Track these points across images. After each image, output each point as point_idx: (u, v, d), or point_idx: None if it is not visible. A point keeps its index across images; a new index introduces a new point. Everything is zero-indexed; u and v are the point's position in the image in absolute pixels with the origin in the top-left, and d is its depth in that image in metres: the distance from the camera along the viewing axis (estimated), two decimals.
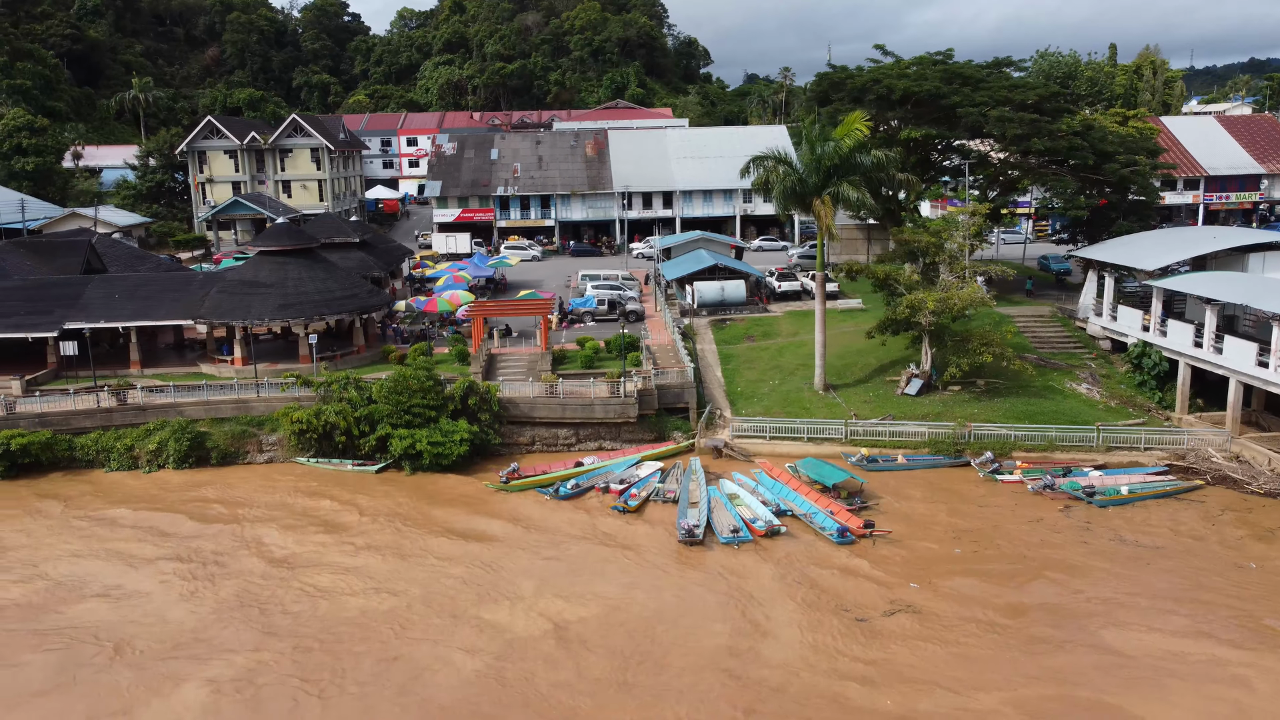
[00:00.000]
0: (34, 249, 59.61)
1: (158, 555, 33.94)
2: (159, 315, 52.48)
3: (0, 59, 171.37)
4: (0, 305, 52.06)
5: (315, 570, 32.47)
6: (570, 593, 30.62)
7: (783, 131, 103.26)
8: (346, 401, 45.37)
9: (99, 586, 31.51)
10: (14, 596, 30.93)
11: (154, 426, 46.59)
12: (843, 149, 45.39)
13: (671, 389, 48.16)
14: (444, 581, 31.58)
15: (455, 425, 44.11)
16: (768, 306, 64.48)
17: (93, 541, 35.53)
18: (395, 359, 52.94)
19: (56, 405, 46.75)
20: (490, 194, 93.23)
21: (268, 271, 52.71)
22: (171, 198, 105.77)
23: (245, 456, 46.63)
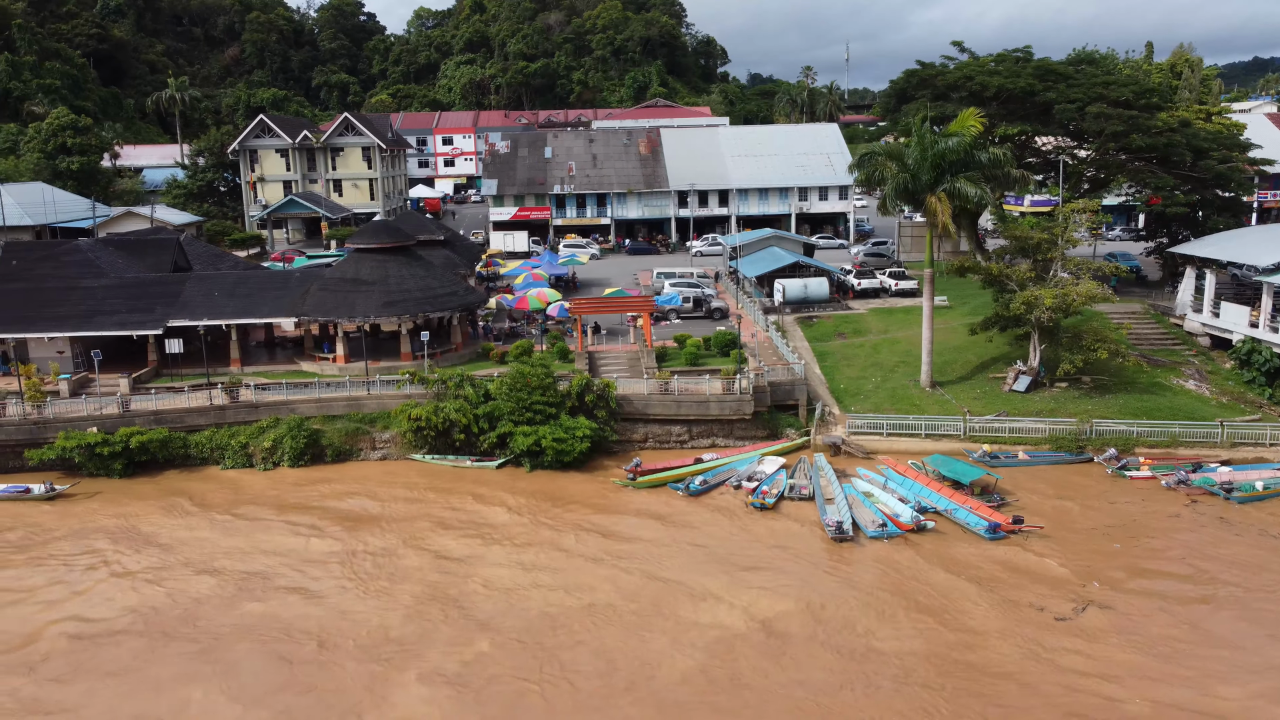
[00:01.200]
0: (123, 247, 59.44)
1: (323, 553, 33.88)
2: (262, 313, 52.38)
3: (29, 58, 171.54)
4: (103, 303, 51.96)
5: (485, 567, 32.40)
6: (757, 588, 30.57)
7: (835, 130, 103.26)
8: (463, 399, 45.31)
9: (281, 583, 31.47)
10: (204, 591, 30.91)
11: (267, 424, 46.53)
12: (964, 145, 45.27)
13: (782, 386, 48.14)
14: (626, 578, 31.49)
15: (576, 422, 44.04)
16: (849, 304, 64.46)
17: (252, 539, 35.47)
18: (496, 357, 52.87)
19: (171, 403, 46.68)
20: (546, 192, 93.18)
21: (369, 269, 52.61)
22: (221, 197, 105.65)
23: (359, 454, 46.59)
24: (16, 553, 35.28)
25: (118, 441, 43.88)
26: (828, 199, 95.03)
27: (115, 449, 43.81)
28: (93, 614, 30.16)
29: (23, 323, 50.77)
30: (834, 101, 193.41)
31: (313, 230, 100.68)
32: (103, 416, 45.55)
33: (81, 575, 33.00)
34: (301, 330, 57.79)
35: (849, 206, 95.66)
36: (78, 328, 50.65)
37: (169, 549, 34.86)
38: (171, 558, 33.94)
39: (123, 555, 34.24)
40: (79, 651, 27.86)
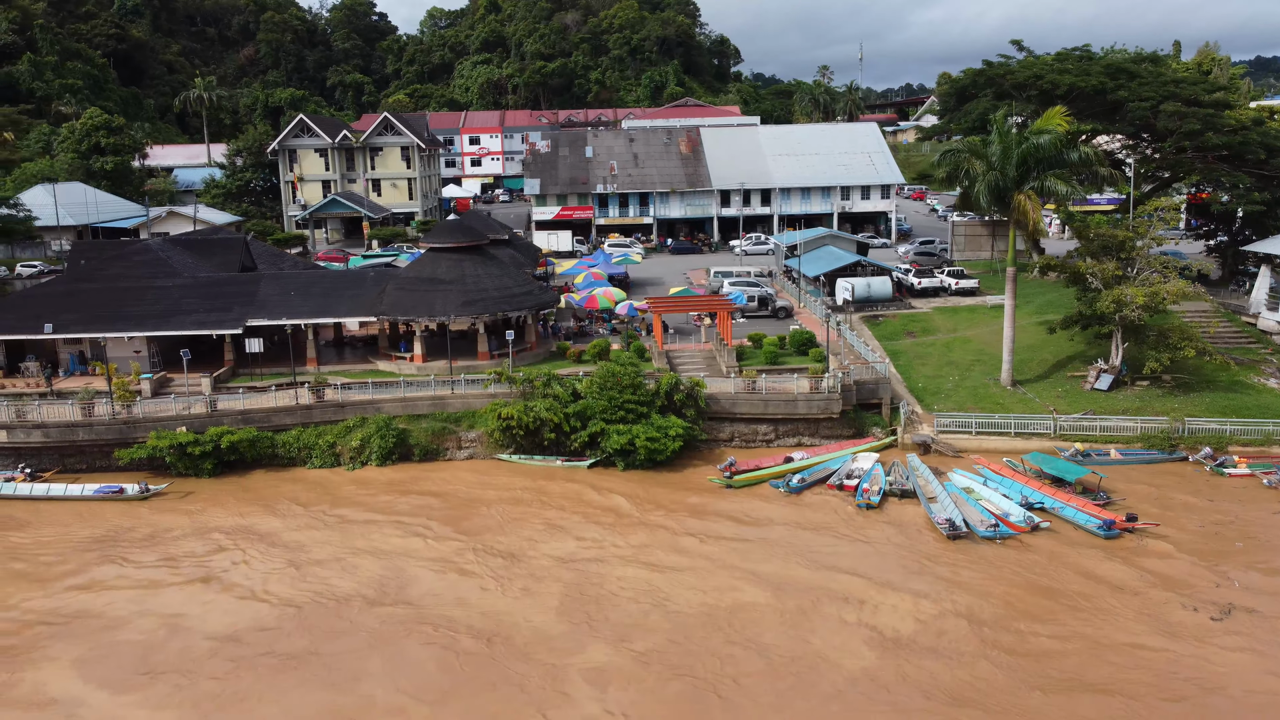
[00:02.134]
0: (190, 247, 59.33)
1: (448, 553, 33.79)
2: (340, 312, 52.30)
3: (51, 58, 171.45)
4: (180, 302, 51.87)
5: (614, 567, 32.36)
6: (897, 588, 30.51)
7: (874, 129, 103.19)
8: (553, 398, 45.23)
9: (421, 582, 31.45)
10: (346, 589, 30.88)
11: (353, 423, 46.49)
12: (1054, 142, 45.18)
13: (866, 385, 48.11)
14: (761, 578, 31.40)
15: (668, 421, 43.99)
16: (912, 303, 64.39)
17: (369, 539, 35.42)
18: (573, 356, 52.79)
19: (258, 402, 46.63)
20: (589, 191, 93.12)
21: (445, 268, 52.54)
22: (258, 197, 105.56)
23: (445, 453, 46.52)
24: (145, 550, 35.28)
25: (208, 441, 43.86)
26: (869, 198, 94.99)
27: (206, 448, 43.79)
28: (245, 611, 30.17)
29: (101, 322, 50.66)
30: (853, 101, 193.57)
31: (351, 230, 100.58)
32: (191, 416, 45.53)
33: (222, 574, 32.99)
34: (373, 330, 57.85)
35: (890, 205, 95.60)
36: (157, 327, 50.57)
37: (296, 548, 34.84)
38: (300, 556, 33.97)
39: (253, 554, 34.29)
40: (243, 647, 27.86)
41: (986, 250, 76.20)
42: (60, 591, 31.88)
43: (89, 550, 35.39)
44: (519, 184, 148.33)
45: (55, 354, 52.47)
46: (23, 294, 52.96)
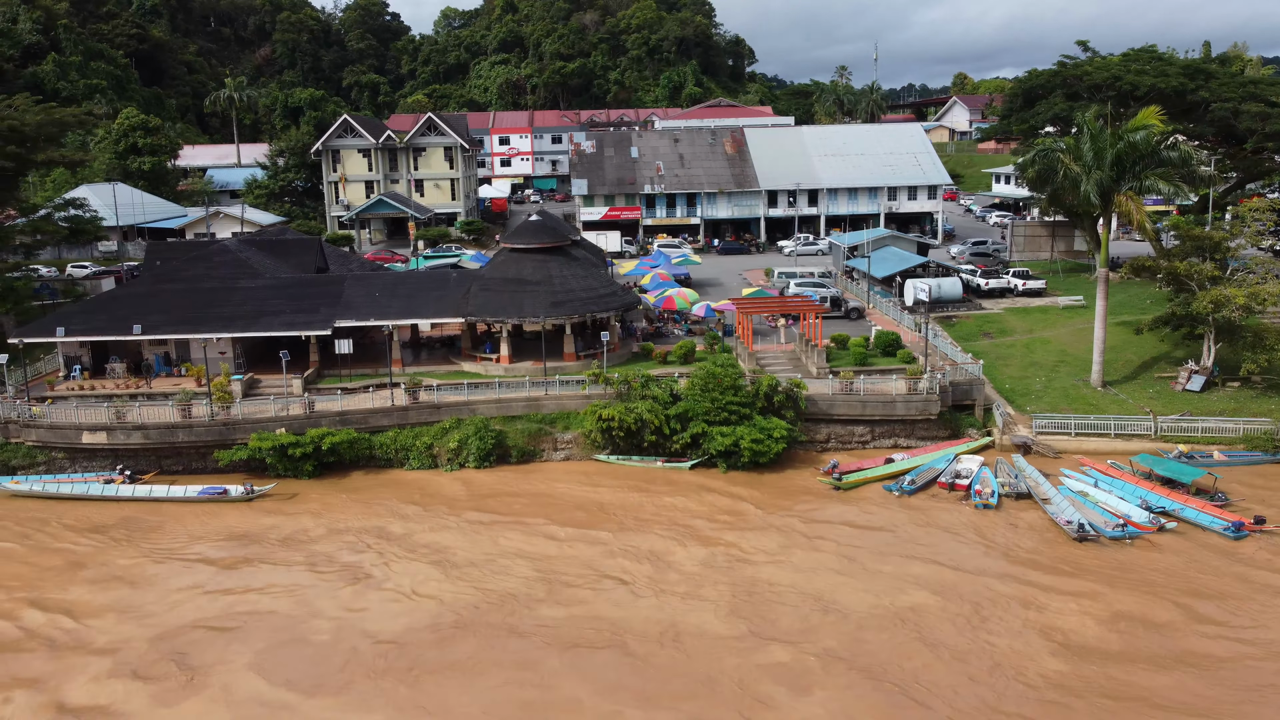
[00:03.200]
0: (265, 247, 59.20)
1: (595, 556, 33.71)
2: (427, 313, 52.20)
3: (76, 58, 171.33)
4: (266, 303, 51.73)
5: (759, 569, 32.32)
6: (1061, 591, 30.44)
7: (919, 129, 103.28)
8: (653, 399, 45.15)
9: (576, 585, 31.40)
10: (502, 591, 30.84)
11: (449, 425, 46.38)
12: (1150, 141, 45.13)
13: (960, 386, 48.09)
14: (916, 578, 31.35)
15: (771, 423, 43.89)
16: (982, 303, 64.34)
17: (499, 541, 35.34)
18: (659, 357, 52.70)
19: (355, 404, 46.57)
20: (637, 192, 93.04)
21: (531, 269, 52.46)
22: (299, 197, 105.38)
23: (541, 454, 46.43)
24: (289, 551, 35.29)
25: (308, 443, 43.74)
26: (916, 198, 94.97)
27: (307, 450, 43.67)
28: (408, 612, 30.06)
29: (189, 324, 50.52)
30: (874, 101, 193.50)
31: (394, 230, 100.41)
32: (289, 417, 45.42)
33: (372, 575, 32.91)
34: (448, 330, 57.84)
35: (937, 206, 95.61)
36: (246, 328, 50.44)
37: (437, 550, 34.78)
38: (443, 558, 33.91)
39: (394, 555, 34.24)
40: (418, 648, 27.77)
41: (1046, 251, 76.15)
42: (219, 594, 31.85)
43: (233, 552, 35.32)
44: (549, 184, 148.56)
45: (140, 355, 52.33)
46: (107, 295, 52.80)
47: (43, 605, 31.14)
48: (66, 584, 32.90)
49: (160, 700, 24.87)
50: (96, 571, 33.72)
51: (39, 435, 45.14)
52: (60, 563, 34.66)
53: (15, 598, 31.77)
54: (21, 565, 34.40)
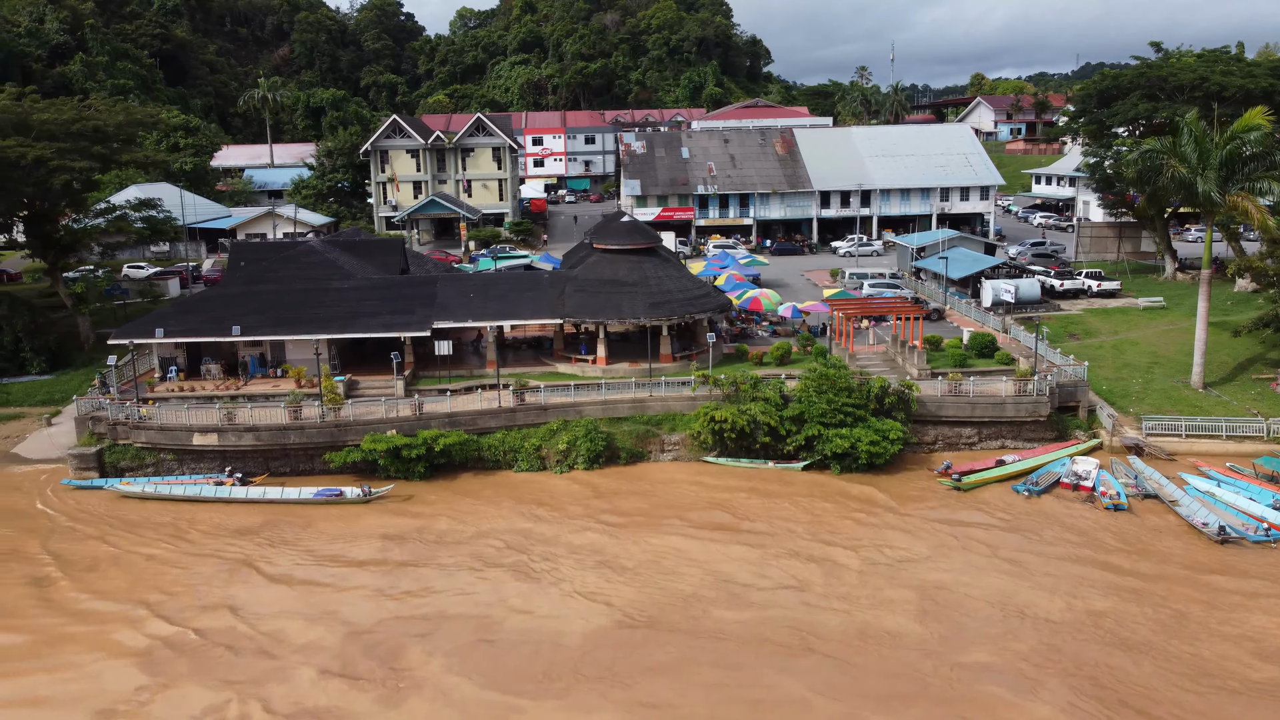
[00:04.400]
0: (349, 248, 58.98)
1: (757, 558, 33.62)
2: (523, 314, 52.03)
3: (102, 58, 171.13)
4: (360, 304, 51.54)
5: (925, 571, 32.14)
6: (1237, 591, 30.27)
7: (967, 130, 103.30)
8: (765, 400, 45.02)
9: (754, 587, 31.25)
10: (683, 592, 30.68)
11: (556, 426, 46.24)
12: (1263, 141, 45.01)
13: (1065, 387, 47.95)
14: (1093, 582, 31.19)
15: (887, 424, 43.77)
16: (1060, 304, 64.26)
17: (644, 543, 35.19)
18: (755, 358, 52.56)
19: (463, 405, 46.43)
20: (690, 193, 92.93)
21: (626, 270, 52.33)
22: (345, 197, 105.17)
23: (648, 456, 46.29)
24: (448, 552, 35.14)
25: (420, 444, 43.58)
26: (969, 199, 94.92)
27: (419, 451, 43.51)
28: (594, 613, 29.97)
29: (286, 324, 50.32)
30: (899, 102, 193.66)
31: (441, 231, 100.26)
32: (399, 419, 45.25)
33: (541, 576, 32.77)
34: (531, 331, 57.67)
35: (989, 207, 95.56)
36: (343, 329, 50.25)
37: (594, 551, 34.65)
38: (603, 559, 33.79)
39: (557, 556, 34.09)
40: (618, 649, 27.74)
41: (1112, 252, 76.13)
42: (392, 595, 31.70)
43: (389, 554, 35.19)
44: (583, 185, 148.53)
45: (234, 356, 52.16)
46: (200, 296, 52.63)
47: (222, 607, 31.08)
48: (235, 586, 32.77)
49: (384, 701, 24.73)
50: (262, 574, 33.58)
51: (149, 436, 44.95)
52: (218, 566, 34.51)
53: (198, 600, 31.69)
54: (181, 569, 34.18)
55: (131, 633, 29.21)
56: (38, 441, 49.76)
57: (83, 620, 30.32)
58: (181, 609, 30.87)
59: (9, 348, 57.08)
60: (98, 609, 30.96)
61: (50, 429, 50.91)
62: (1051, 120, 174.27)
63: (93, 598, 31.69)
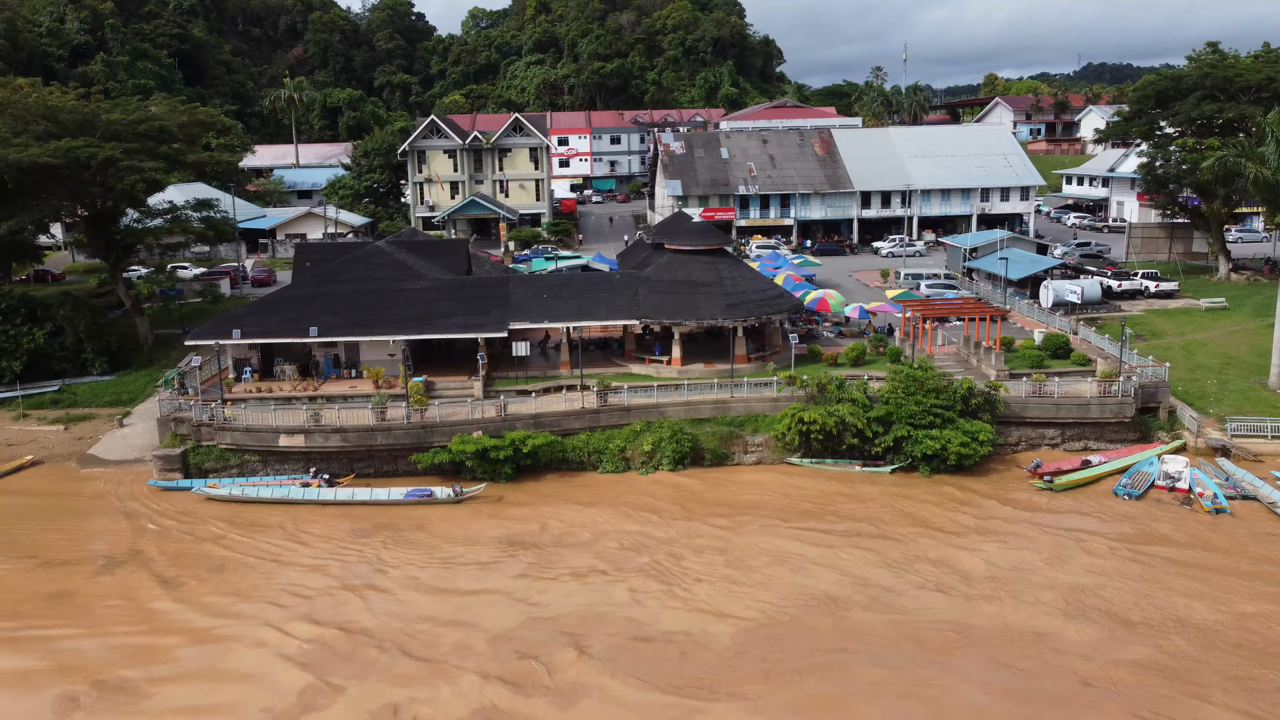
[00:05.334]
0: (415, 249, 58.78)
1: (877, 557, 33.56)
2: (599, 315, 51.89)
3: (123, 58, 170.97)
4: (434, 305, 51.41)
5: (1061, 573, 32.08)
6: None
7: (1006, 131, 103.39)
8: (851, 401, 44.94)
9: (896, 590, 31.23)
10: (823, 590, 30.59)
11: (639, 428, 46.15)
12: None
13: (1146, 388, 47.88)
14: (1230, 587, 31.19)
15: (976, 426, 43.70)
16: (1120, 305, 64.18)
17: (770, 543, 35.17)
18: (829, 359, 52.48)
19: (548, 406, 46.32)
20: (731, 193, 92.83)
21: (700, 270, 52.22)
22: (381, 197, 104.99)
23: (732, 458, 46.20)
24: (570, 553, 35.08)
25: (507, 445, 43.47)
26: (1009, 199, 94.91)
27: (507, 452, 43.41)
28: (730, 613, 29.88)
29: (363, 325, 50.19)
30: (918, 103, 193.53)
31: (478, 231, 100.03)
32: (484, 420, 45.14)
33: (674, 577, 32.70)
34: (597, 332, 57.48)
35: (1029, 207, 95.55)
36: (420, 330, 50.11)
37: (718, 552, 34.54)
38: (728, 559, 33.69)
39: (682, 558, 34.04)
40: (771, 649, 27.61)
41: (1163, 252, 76.11)
42: (536, 597, 31.67)
43: (513, 555, 35.15)
44: (608, 185, 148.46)
45: (307, 357, 52.03)
46: (273, 297, 52.40)
47: (360, 608, 31.07)
48: (367, 588, 32.65)
49: (557, 704, 24.62)
50: (390, 576, 33.47)
51: (234, 438, 44.82)
52: (344, 568, 34.43)
53: (335, 601, 31.66)
54: (306, 571, 34.09)
55: (279, 634, 29.12)
56: (112, 443, 49.64)
57: (229, 620, 30.20)
58: (320, 610, 30.77)
59: (71, 349, 56.89)
60: (239, 610, 30.86)
61: (123, 430, 50.79)
62: (1073, 120, 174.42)
63: (229, 599, 31.60)
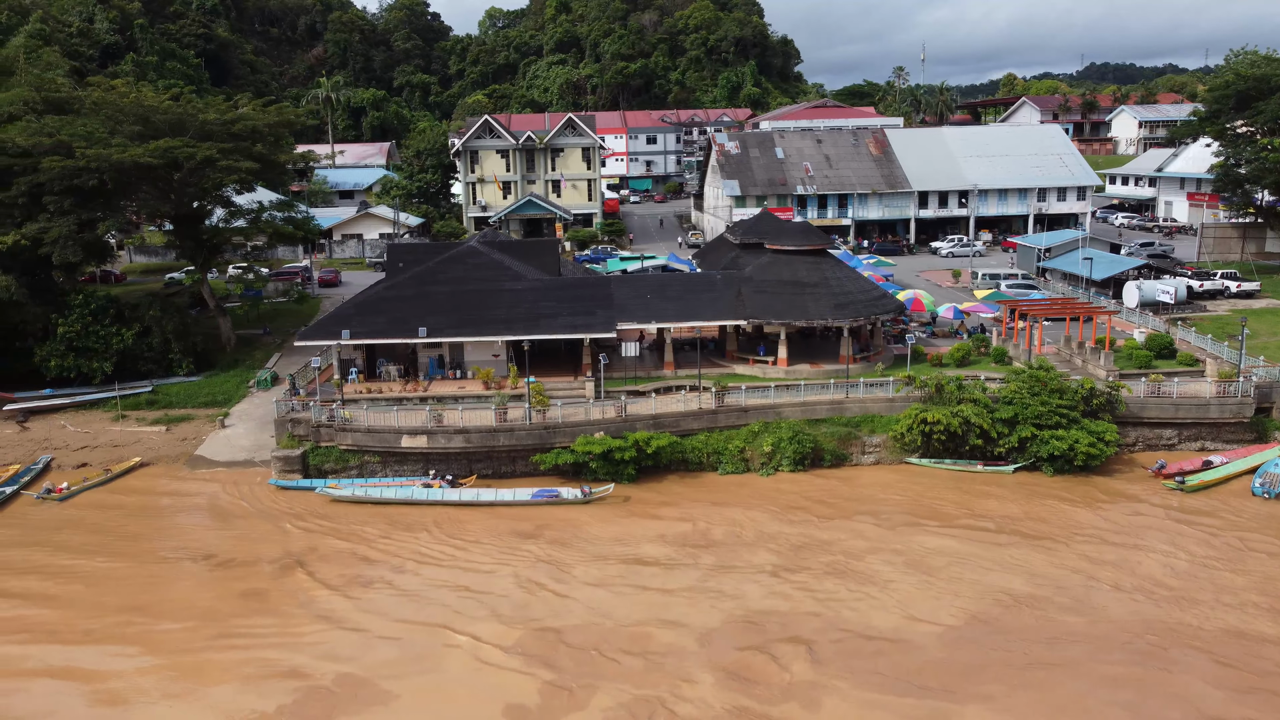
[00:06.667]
0: (506, 249, 58.50)
1: (1050, 558, 33.56)
2: (704, 315, 51.73)
3: (152, 58, 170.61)
4: (537, 305, 51.19)
5: (1246, 575, 31.92)
6: None
7: (1059, 130, 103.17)
8: (973, 401, 44.79)
9: (1093, 593, 31.12)
10: (1017, 590, 30.42)
11: (757, 428, 46.01)
12: None
13: (1260, 388, 47.75)
14: None
15: (1101, 426, 43.57)
16: (1205, 305, 64.08)
17: (924, 543, 35.08)
18: (933, 360, 52.33)
19: (667, 406, 46.16)
20: (789, 193, 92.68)
21: (805, 271, 52.07)
22: (431, 197, 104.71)
23: (850, 458, 46.05)
24: (747, 553, 34.87)
25: (630, 445, 43.29)
26: (1065, 199, 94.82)
27: (630, 453, 43.24)
28: (936, 613, 29.84)
29: (470, 326, 50.01)
30: (944, 103, 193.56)
31: (529, 231, 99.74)
32: (604, 421, 44.95)
33: (867, 577, 32.69)
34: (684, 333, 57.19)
35: (1086, 207, 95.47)
36: (528, 330, 49.86)
37: (896, 552, 34.47)
38: (903, 559, 33.60)
39: (858, 557, 33.95)
40: (974, 649, 27.53)
41: (1236, 252, 76.02)
42: (728, 596, 31.58)
43: (688, 554, 35.02)
44: (645, 185, 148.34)
45: (410, 357, 51.85)
46: (375, 297, 52.07)
47: (555, 608, 31.13)
48: (554, 587, 32.64)
49: (804, 704, 24.46)
50: (573, 576, 33.41)
51: (354, 439, 44.62)
52: (524, 567, 34.42)
53: (531, 599, 31.70)
54: (481, 573, 33.93)
55: (496, 628, 29.12)
56: (216, 443, 49.43)
57: (418, 624, 30.13)
58: (517, 609, 30.73)
59: (157, 349, 56.65)
60: (432, 613, 30.76)
61: (225, 431, 50.57)
62: (1102, 120, 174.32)
63: (417, 602, 31.47)
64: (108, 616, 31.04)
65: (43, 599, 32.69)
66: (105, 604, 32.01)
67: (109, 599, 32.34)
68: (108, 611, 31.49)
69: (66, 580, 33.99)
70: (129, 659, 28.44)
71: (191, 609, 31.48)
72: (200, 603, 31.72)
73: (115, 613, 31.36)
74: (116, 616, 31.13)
